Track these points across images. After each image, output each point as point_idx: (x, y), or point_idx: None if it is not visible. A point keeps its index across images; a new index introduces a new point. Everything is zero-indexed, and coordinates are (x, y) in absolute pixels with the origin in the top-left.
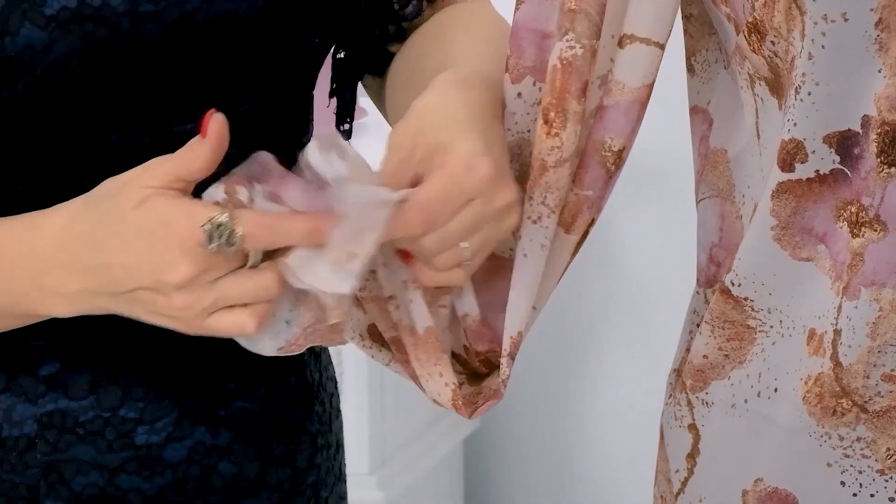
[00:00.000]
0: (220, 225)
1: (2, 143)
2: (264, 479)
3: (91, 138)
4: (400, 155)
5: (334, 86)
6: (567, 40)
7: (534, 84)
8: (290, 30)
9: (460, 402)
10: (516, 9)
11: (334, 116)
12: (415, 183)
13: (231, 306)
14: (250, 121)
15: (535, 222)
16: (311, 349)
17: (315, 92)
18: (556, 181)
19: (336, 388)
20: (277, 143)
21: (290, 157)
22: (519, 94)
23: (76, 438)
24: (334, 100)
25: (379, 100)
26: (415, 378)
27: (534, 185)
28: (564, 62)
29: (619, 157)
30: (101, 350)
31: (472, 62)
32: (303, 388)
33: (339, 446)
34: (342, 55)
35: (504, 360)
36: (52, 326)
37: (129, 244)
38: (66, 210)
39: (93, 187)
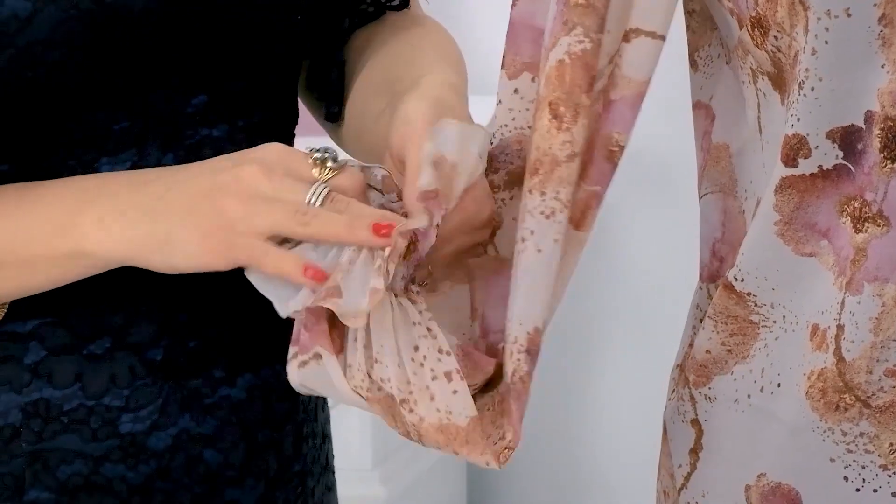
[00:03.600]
0: (327, 152)
1: None
2: (250, 467)
3: (75, 115)
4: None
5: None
6: (575, 35)
7: (532, 80)
8: (274, 5)
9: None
10: (513, 5)
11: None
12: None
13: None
14: (238, 101)
15: (548, 217)
16: None
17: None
18: (568, 176)
19: None
20: (268, 128)
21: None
22: (516, 90)
23: (61, 427)
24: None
25: (321, 115)
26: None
27: (545, 180)
28: (573, 56)
29: (622, 150)
30: (85, 338)
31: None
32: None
33: (326, 437)
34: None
35: (522, 356)
36: (38, 313)
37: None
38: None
39: (80, 167)
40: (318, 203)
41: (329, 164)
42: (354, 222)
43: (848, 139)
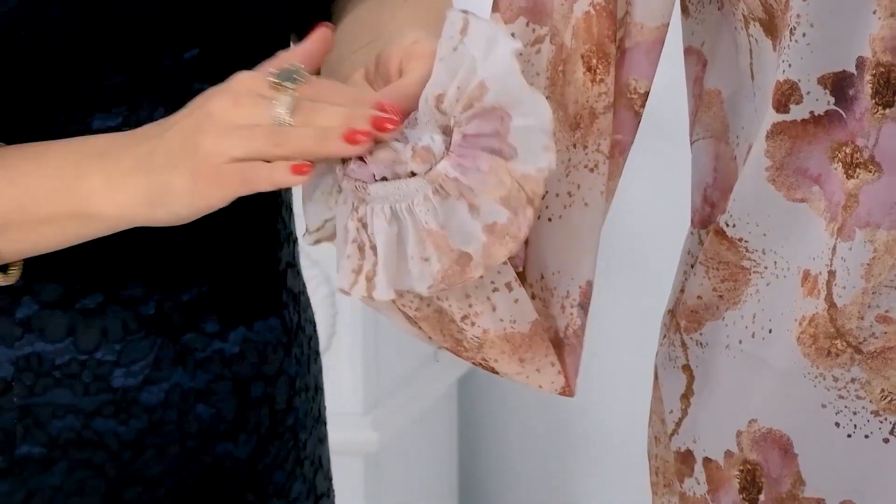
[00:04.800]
0: (290, 69)
1: None
2: (242, 422)
3: (68, 71)
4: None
5: None
6: None
7: (527, 24)
8: None
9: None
10: None
11: None
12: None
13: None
14: (230, 55)
15: (592, 170)
16: (290, 291)
17: None
18: (606, 127)
19: (315, 330)
20: None
21: None
22: (512, 35)
23: (52, 382)
24: None
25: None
26: (506, 375)
27: (587, 133)
28: (598, 7)
29: (645, 99)
30: (78, 292)
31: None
32: (281, 330)
33: (318, 389)
34: None
35: (575, 311)
36: (31, 268)
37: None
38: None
39: (72, 122)
40: (286, 117)
41: (290, 81)
42: (324, 135)
43: (839, 85)
